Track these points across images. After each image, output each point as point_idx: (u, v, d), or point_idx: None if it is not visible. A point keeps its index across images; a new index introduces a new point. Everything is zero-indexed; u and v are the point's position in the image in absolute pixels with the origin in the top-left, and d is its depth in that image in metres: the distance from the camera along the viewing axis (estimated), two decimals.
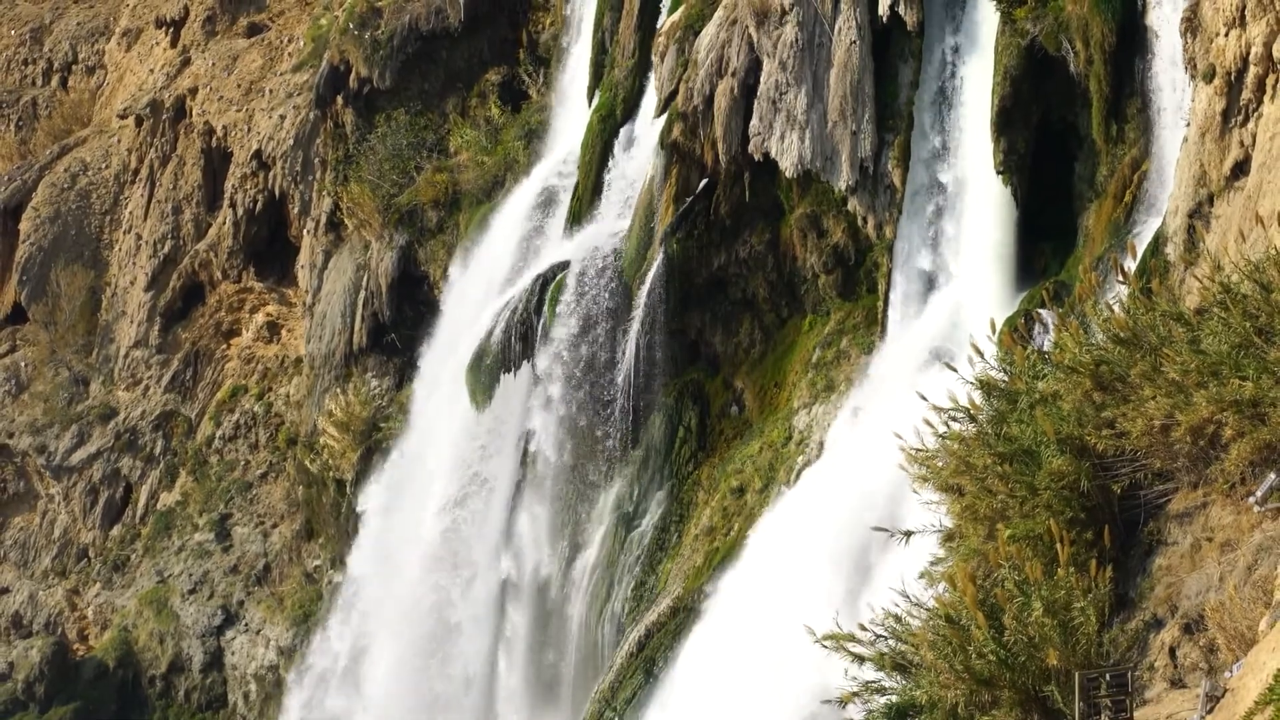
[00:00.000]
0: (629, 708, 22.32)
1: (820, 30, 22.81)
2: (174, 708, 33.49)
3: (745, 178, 24.03)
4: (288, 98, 34.31)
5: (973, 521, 10.71)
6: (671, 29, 25.26)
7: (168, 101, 37.21)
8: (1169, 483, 10.47)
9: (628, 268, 25.35)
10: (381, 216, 31.50)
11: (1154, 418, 10.02)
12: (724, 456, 24.54)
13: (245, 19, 38.00)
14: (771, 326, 25.09)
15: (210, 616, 33.27)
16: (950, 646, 9.50)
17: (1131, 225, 19.78)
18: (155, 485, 35.84)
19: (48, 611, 35.81)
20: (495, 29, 32.24)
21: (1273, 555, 9.16)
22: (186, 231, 36.48)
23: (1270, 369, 9.61)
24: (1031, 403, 10.82)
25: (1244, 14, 16.34)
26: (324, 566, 31.67)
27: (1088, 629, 9.43)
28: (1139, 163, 19.98)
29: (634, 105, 26.91)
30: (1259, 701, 7.34)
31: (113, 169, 38.66)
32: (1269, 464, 9.57)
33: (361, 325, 31.67)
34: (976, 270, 21.64)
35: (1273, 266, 10.41)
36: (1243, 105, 16.44)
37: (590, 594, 25.08)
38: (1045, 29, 20.68)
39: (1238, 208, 16.31)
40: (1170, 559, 10.17)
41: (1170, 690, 9.30)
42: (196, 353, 36.48)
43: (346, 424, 31.09)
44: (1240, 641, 8.76)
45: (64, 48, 42.50)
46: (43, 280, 38.01)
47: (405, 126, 31.57)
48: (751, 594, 20.59)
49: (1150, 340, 10.44)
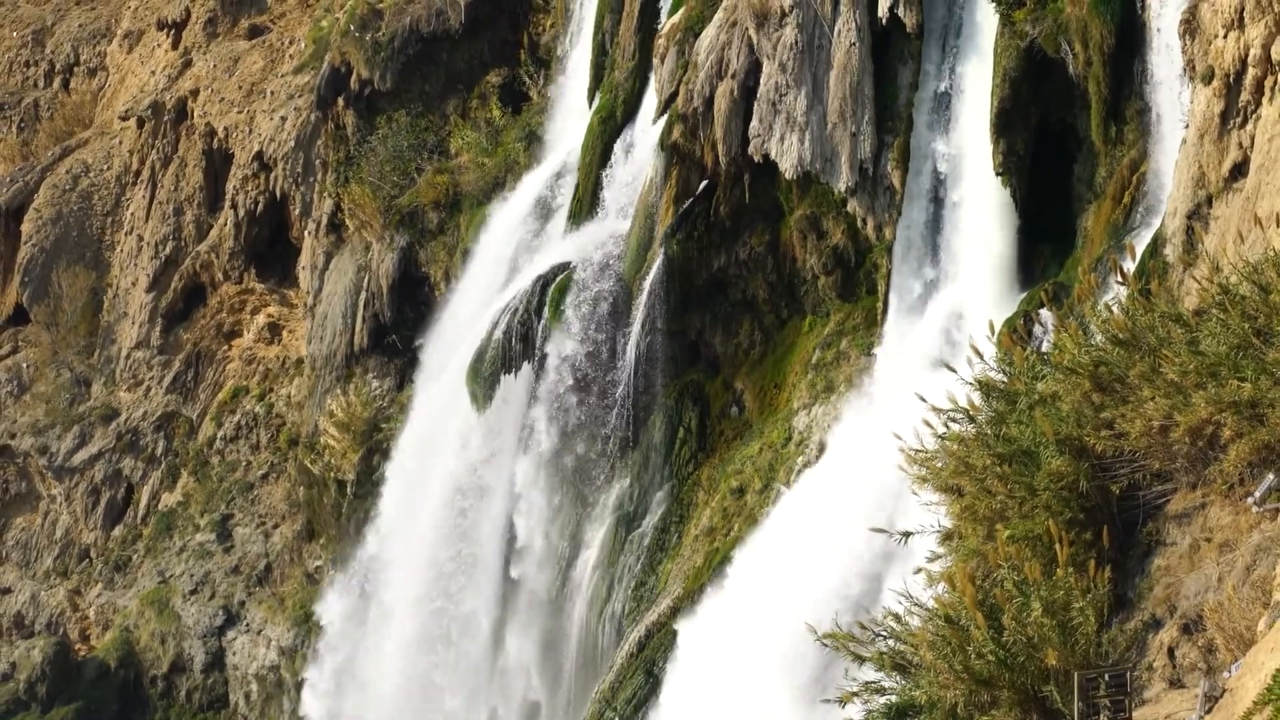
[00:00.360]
0: (629, 707, 22.38)
1: (820, 32, 22.87)
2: (175, 708, 33.53)
3: (745, 179, 24.11)
4: (289, 99, 34.38)
5: (972, 522, 10.68)
6: (671, 31, 25.32)
7: (169, 103, 37.28)
8: (1168, 483, 10.46)
9: (628, 269, 25.41)
10: (382, 218, 31.57)
11: (1153, 418, 10.02)
12: (724, 457, 24.61)
13: (246, 21, 38.07)
14: (771, 327, 25.15)
15: (211, 617, 33.32)
16: (950, 646, 9.51)
17: (1130, 227, 19.80)
18: (157, 486, 35.89)
19: (50, 612, 35.86)
20: (496, 31, 32.32)
21: (1271, 555, 9.16)
22: (188, 233, 36.54)
23: (1269, 370, 9.61)
24: (1030, 403, 10.82)
25: (1242, 16, 16.35)
26: (325, 567, 31.75)
27: (1086, 629, 9.43)
28: (1138, 164, 19.97)
29: (634, 107, 26.97)
30: (1258, 701, 7.36)
31: (114, 170, 38.74)
32: (1267, 465, 9.58)
33: (362, 326, 31.74)
34: (976, 271, 21.68)
35: (1271, 268, 10.42)
36: (1241, 107, 16.45)
37: (591, 594, 25.16)
38: (1044, 31, 20.70)
39: (1236, 209, 16.32)
40: (1169, 559, 10.16)
41: (1169, 690, 9.28)
42: (198, 354, 36.54)
43: (348, 424, 31.18)
44: (1239, 642, 8.77)
45: (66, 49, 42.58)
46: (45, 281, 38.06)
47: (406, 128, 31.64)
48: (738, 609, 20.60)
49: (1149, 341, 10.44)
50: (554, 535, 26.29)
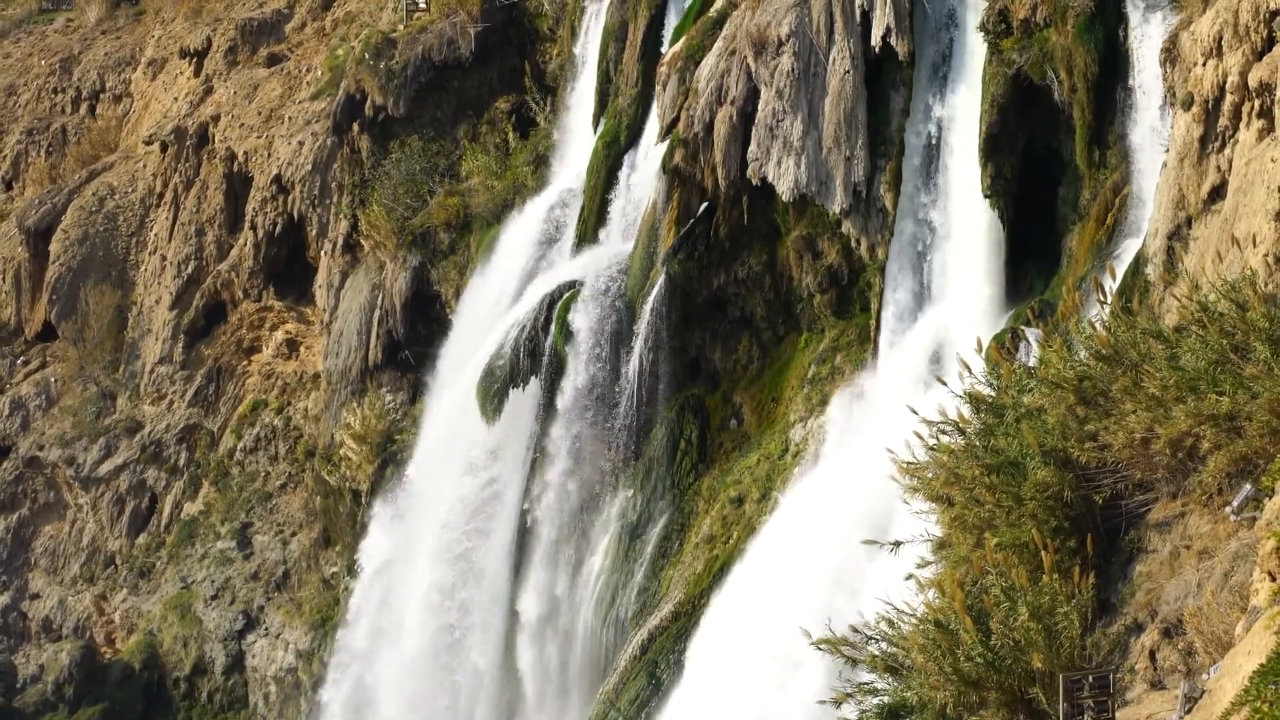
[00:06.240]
0: (633, 708, 22.95)
1: (815, 60, 23.37)
2: (197, 708, 33.85)
3: (744, 201, 24.44)
4: (306, 125, 35.15)
5: (961, 530, 11.03)
6: (673, 59, 25.74)
7: (191, 128, 37.95)
8: (1149, 493, 10.76)
9: (631, 287, 25.82)
10: (396, 238, 32.23)
11: (1134, 431, 10.29)
12: (723, 468, 24.89)
13: (265, 49, 38.93)
14: (769, 344, 25.47)
15: (232, 621, 33.73)
16: (940, 650, 9.84)
17: (1113, 247, 19.78)
18: (179, 495, 36.22)
19: (76, 616, 36.25)
20: (504, 59, 32.83)
21: (1249, 562, 9.39)
22: (209, 253, 37.15)
23: (1246, 384, 9.85)
24: (1017, 416, 11.11)
25: (1221, 45, 16.36)
26: (340, 573, 32.42)
27: (1071, 633, 9.74)
28: (1120, 187, 20.04)
29: (637, 132, 27.46)
30: (1235, 702, 7.53)
31: (139, 193, 39.45)
32: (1245, 475, 9.85)
33: (377, 342, 32.24)
34: (965, 290, 21.91)
35: (1248, 286, 10.77)
36: (1219, 132, 16.61)
37: (596, 599, 25.71)
38: (1031, 59, 20.88)
39: (1215, 230, 16.24)
40: (1150, 566, 10.45)
41: (1150, 691, 9.58)
42: (219, 369, 36.88)
43: (363, 436, 31.71)
44: (1217, 645, 9.02)
45: (92, 77, 43.48)
46: (72, 299, 38.57)
47: (419, 152, 32.08)
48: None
49: (1131, 357, 10.72)
50: (561, 543, 26.94)
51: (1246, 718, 7.35)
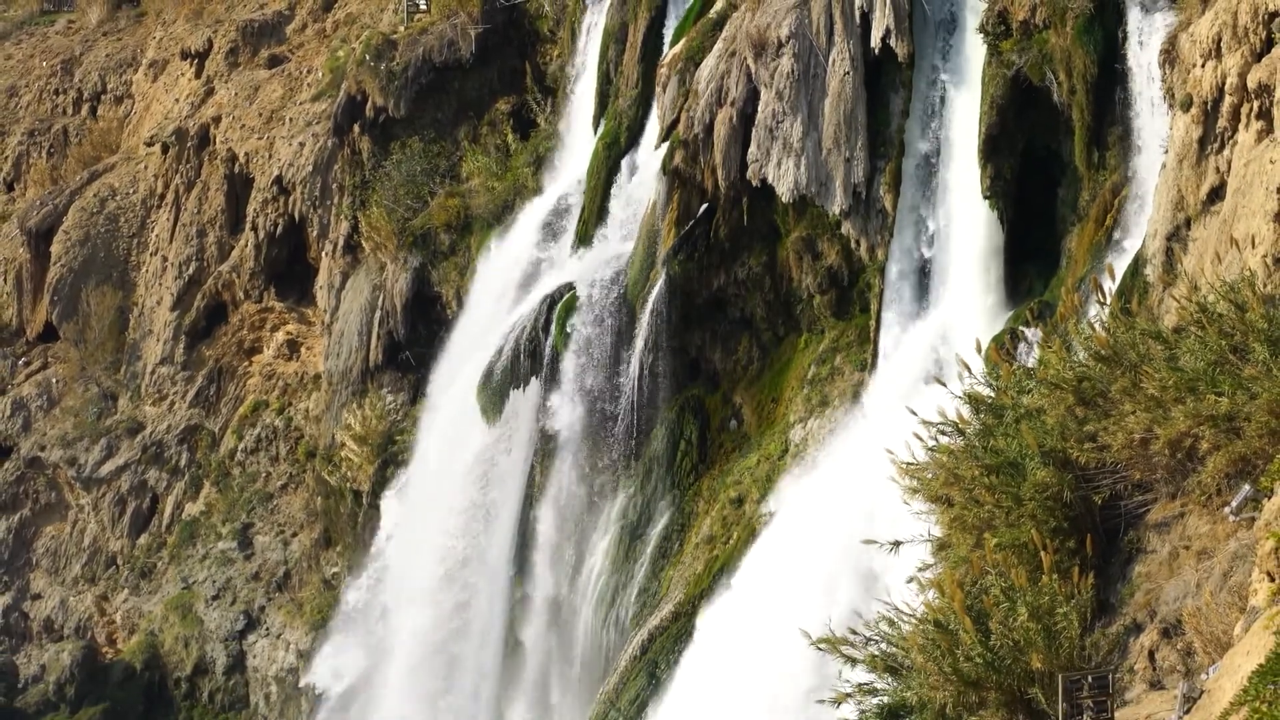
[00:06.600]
0: (633, 708, 23.00)
1: (815, 62, 23.40)
2: (198, 708, 33.97)
3: (744, 202, 24.52)
4: (307, 126, 35.25)
5: (961, 531, 11.00)
6: (673, 60, 25.81)
7: (192, 130, 38.04)
8: (1148, 494, 10.75)
9: (631, 288, 25.86)
10: (396, 239, 32.33)
11: (1134, 432, 10.29)
12: (723, 469, 24.96)
13: (266, 51, 39.06)
14: (769, 344, 25.52)
15: (233, 621, 33.83)
16: (939, 650, 9.83)
17: (1112, 248, 19.82)
18: (180, 496, 36.32)
19: (78, 616, 36.36)
20: (505, 60, 32.91)
21: (1247, 563, 9.40)
22: (210, 254, 37.26)
23: (1245, 385, 9.86)
24: (1017, 417, 11.10)
25: (1219, 46, 16.37)
26: (341, 574, 32.50)
27: (1070, 633, 9.74)
28: (1119, 188, 20.07)
29: (637, 133, 27.55)
30: (1234, 702, 7.56)
31: (140, 194, 39.60)
32: (1243, 476, 9.85)
33: (377, 343, 32.34)
34: (964, 290, 21.93)
35: (1246, 287, 10.76)
36: (1218, 133, 16.62)
37: (596, 600, 25.75)
38: (1030, 60, 20.89)
39: (1214, 231, 16.22)
40: (1149, 566, 10.44)
41: (1149, 692, 9.56)
42: (220, 369, 36.99)
43: (364, 437, 31.83)
44: (1216, 645, 9.03)
45: (93, 78, 43.63)
46: (73, 300, 38.71)
47: (419, 153, 32.18)
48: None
49: (1130, 358, 10.72)
50: (562, 543, 26.98)
51: (1245, 718, 7.38)
